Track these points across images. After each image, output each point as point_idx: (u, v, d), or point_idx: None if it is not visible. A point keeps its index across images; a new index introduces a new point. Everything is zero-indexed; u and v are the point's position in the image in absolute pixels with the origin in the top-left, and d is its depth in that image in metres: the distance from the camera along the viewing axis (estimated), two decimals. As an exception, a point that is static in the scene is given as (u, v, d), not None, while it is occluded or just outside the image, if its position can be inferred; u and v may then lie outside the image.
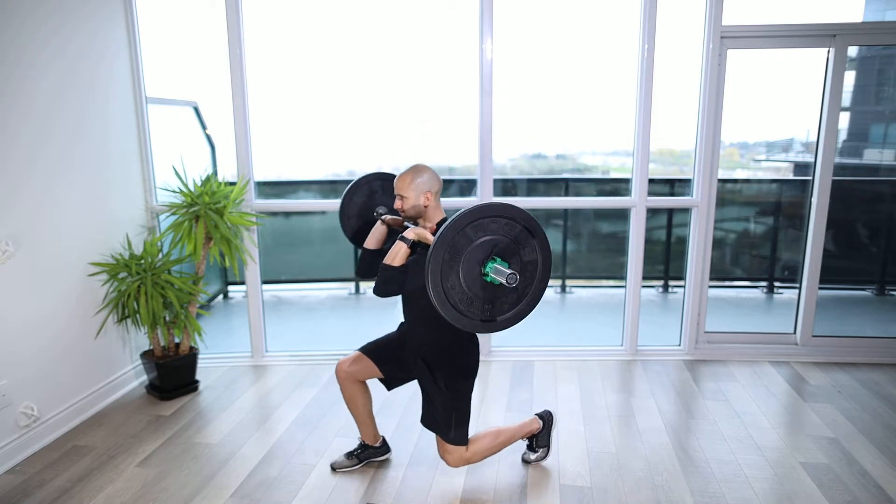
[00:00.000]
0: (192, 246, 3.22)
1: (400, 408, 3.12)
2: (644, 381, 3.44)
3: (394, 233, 2.42)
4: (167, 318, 3.25)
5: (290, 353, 3.80)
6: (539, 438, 2.61)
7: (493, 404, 3.16)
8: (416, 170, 2.27)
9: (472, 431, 2.42)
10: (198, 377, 3.39)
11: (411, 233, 2.18)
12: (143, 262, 3.15)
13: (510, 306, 2.04)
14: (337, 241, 5.48)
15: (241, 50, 3.40)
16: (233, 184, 3.46)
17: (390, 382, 2.54)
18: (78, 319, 3.02)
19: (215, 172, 4.20)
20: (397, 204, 2.28)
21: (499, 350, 3.79)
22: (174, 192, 3.27)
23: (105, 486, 2.46)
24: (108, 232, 3.22)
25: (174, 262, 3.24)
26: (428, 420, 2.39)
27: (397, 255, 2.16)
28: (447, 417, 2.34)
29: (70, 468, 2.59)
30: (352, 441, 2.77)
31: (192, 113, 4.59)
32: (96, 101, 3.12)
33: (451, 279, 1.94)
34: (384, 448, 2.67)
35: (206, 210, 3.19)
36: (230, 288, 5.25)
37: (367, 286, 5.52)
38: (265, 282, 3.82)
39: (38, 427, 2.76)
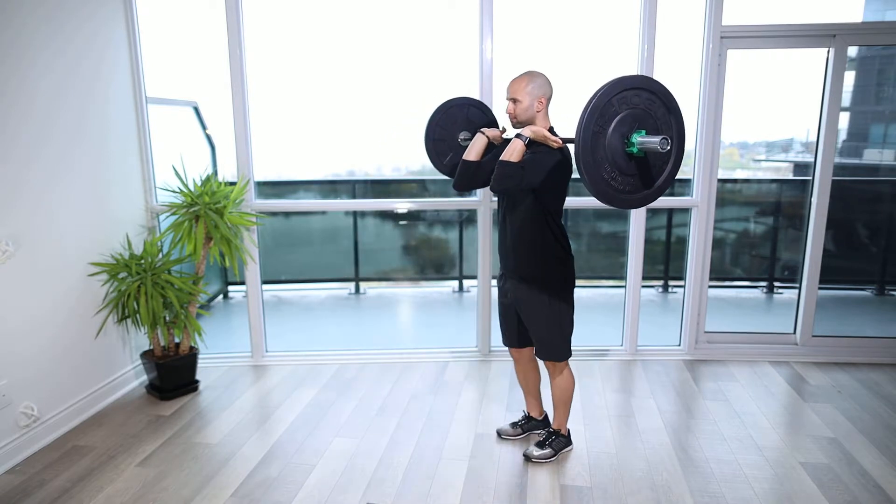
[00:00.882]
0: (192, 246, 3.22)
1: (399, 409, 3.12)
2: (644, 381, 3.44)
3: (491, 146, 2.51)
4: (167, 318, 3.25)
5: (290, 353, 3.80)
6: (557, 439, 2.65)
7: (494, 404, 3.16)
8: (532, 74, 2.35)
9: (473, 431, 2.43)
10: (198, 377, 3.39)
11: (528, 130, 2.26)
12: (143, 262, 3.15)
13: (634, 189, 2.03)
14: (337, 241, 5.49)
15: (241, 50, 3.40)
16: (233, 184, 3.46)
17: (521, 339, 2.67)
18: (78, 319, 3.02)
19: (215, 172, 4.20)
20: (509, 108, 2.36)
21: (499, 350, 3.79)
22: (174, 192, 3.27)
23: (105, 486, 2.46)
24: (108, 232, 3.22)
25: (174, 262, 3.24)
26: (535, 345, 2.56)
27: (515, 151, 2.22)
28: (552, 332, 2.49)
29: (70, 468, 2.59)
30: (352, 440, 2.78)
31: (192, 113, 4.59)
32: (96, 101, 3.12)
33: (602, 153, 1.95)
34: (546, 421, 2.83)
35: (206, 210, 3.19)
36: (230, 288, 5.25)
37: (368, 285, 5.52)
38: (265, 282, 3.82)
39: (38, 427, 2.76)
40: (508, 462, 2.62)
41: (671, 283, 5.32)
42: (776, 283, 5.18)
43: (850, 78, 4.53)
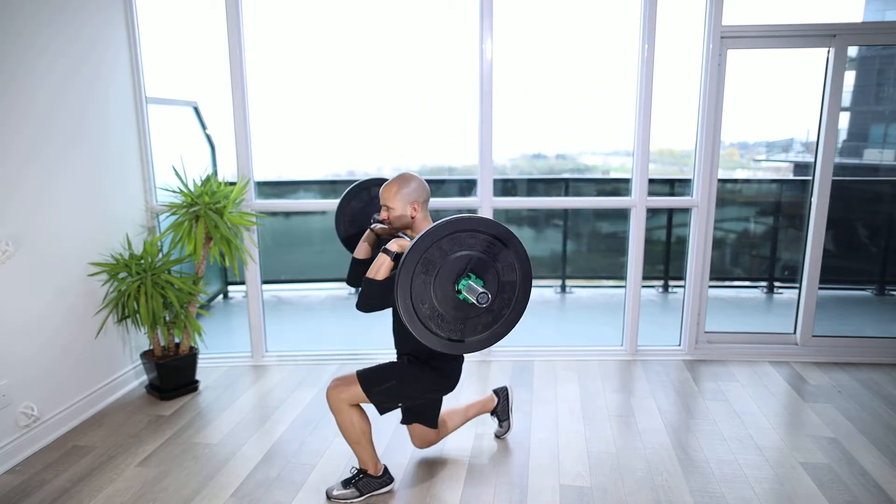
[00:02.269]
0: (192, 246, 3.22)
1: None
2: (644, 381, 3.44)
3: (383, 242, 2.34)
4: (167, 318, 3.25)
5: (290, 353, 3.80)
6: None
7: (493, 404, 3.16)
8: (403, 179, 2.19)
9: (473, 431, 2.44)
10: (198, 377, 3.39)
11: (394, 244, 2.10)
12: (143, 262, 3.15)
13: (484, 328, 1.94)
14: (337, 241, 5.47)
15: (241, 50, 3.40)
16: (233, 184, 3.46)
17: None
18: (78, 319, 3.02)
19: (215, 172, 4.20)
20: (383, 214, 2.21)
21: (499, 350, 3.78)
22: (174, 192, 3.27)
23: (105, 486, 2.46)
24: (107, 232, 3.22)
25: (174, 262, 3.24)
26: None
27: (381, 267, 2.09)
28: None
29: (70, 468, 2.59)
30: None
31: (192, 113, 4.59)
32: (96, 101, 3.12)
33: (423, 294, 1.84)
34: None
35: (206, 210, 3.19)
36: (230, 288, 5.25)
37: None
38: (265, 282, 3.82)
39: (38, 427, 2.76)
40: (508, 462, 2.62)
41: (671, 283, 5.32)
42: (776, 283, 5.19)
43: (850, 78, 4.53)
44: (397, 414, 2.63)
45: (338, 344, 4.14)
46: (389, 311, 2.38)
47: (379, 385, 2.27)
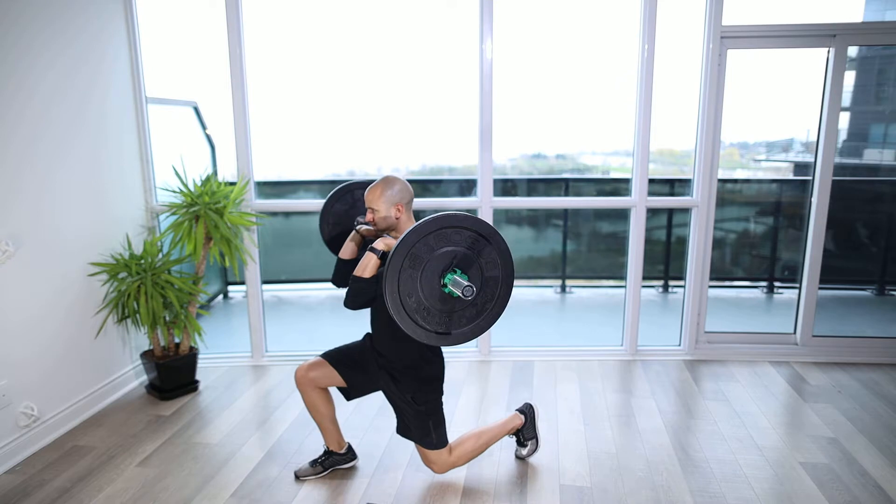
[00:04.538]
0: (192, 246, 3.22)
1: (400, 408, 3.12)
2: (644, 381, 3.44)
3: (368, 243, 2.37)
4: (167, 318, 3.25)
5: (291, 354, 3.80)
6: (524, 432, 2.61)
7: (493, 404, 3.16)
8: (387, 181, 2.24)
9: (473, 428, 2.43)
10: (198, 377, 3.39)
11: (381, 243, 2.15)
12: (143, 262, 3.15)
13: (468, 321, 2.01)
14: (337, 241, 5.47)
15: (241, 50, 3.40)
16: (233, 184, 3.46)
17: (351, 392, 2.47)
18: (78, 319, 3.02)
19: (215, 172, 4.20)
20: (368, 216, 2.26)
21: (499, 350, 3.79)
22: (174, 192, 3.27)
23: (105, 486, 2.46)
24: (107, 232, 3.22)
25: (174, 262, 3.24)
26: (403, 430, 2.41)
27: (367, 266, 2.14)
28: (423, 426, 2.35)
29: (70, 468, 2.59)
30: (352, 439, 2.77)
31: (192, 113, 4.59)
32: (96, 101, 3.12)
33: (410, 288, 1.91)
34: (350, 455, 2.59)
35: (206, 210, 3.19)
36: (230, 288, 5.25)
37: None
38: (265, 282, 3.82)
39: (38, 427, 2.76)
40: (508, 462, 2.62)
41: (671, 283, 5.32)
42: (776, 283, 5.18)
43: (850, 78, 4.53)
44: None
45: (337, 344, 4.13)
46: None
47: (437, 424, 2.37)
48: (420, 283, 1.92)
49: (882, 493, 2.38)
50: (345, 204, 2.64)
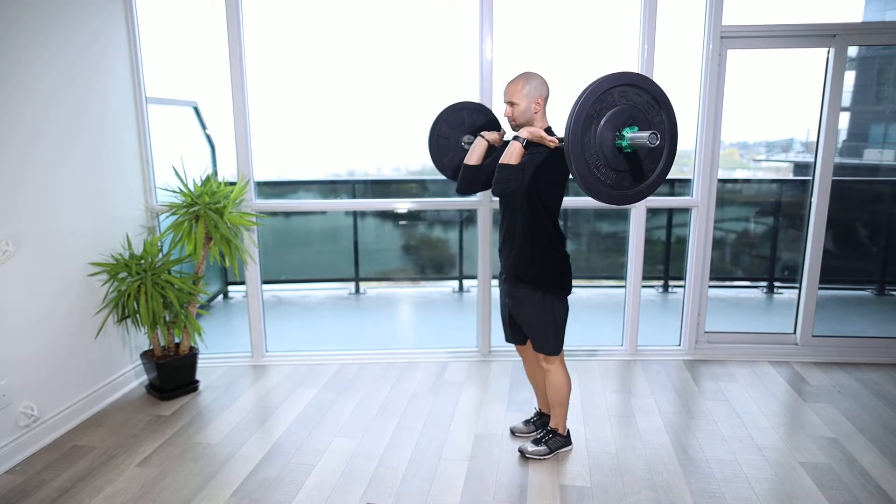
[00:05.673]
0: (192, 246, 3.22)
1: (399, 409, 3.12)
2: (644, 381, 3.44)
3: (492, 149, 2.57)
4: (167, 318, 3.24)
5: (290, 353, 3.80)
6: (553, 438, 2.66)
7: (494, 404, 3.16)
8: (528, 76, 2.37)
9: (473, 431, 2.44)
10: (198, 377, 3.39)
11: (525, 132, 2.29)
12: (143, 262, 3.15)
13: (630, 185, 2.04)
14: (337, 241, 5.49)
15: (241, 50, 3.40)
16: (233, 184, 3.46)
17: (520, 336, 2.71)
18: (78, 319, 3.02)
19: (215, 172, 4.19)
20: (507, 112, 2.39)
21: (499, 350, 3.78)
22: (174, 192, 3.27)
23: (105, 486, 2.46)
24: (108, 232, 3.22)
25: (174, 262, 3.24)
26: (535, 343, 2.56)
27: (513, 153, 2.27)
28: (546, 330, 2.50)
29: (70, 468, 2.59)
30: (352, 440, 2.78)
31: (192, 113, 4.59)
32: (96, 102, 3.12)
33: (588, 136, 1.94)
34: None
35: (206, 210, 3.19)
36: (230, 288, 5.24)
37: (368, 285, 5.52)
38: (265, 282, 3.82)
39: (38, 427, 2.76)
40: (508, 462, 2.62)
41: (671, 283, 5.32)
42: (776, 283, 5.18)
43: (850, 78, 4.53)
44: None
45: (338, 344, 4.14)
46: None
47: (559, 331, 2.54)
48: (597, 136, 1.94)
49: (882, 493, 2.38)
50: (457, 119, 2.82)
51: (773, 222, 5.16)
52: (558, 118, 2.50)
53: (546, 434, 2.67)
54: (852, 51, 3.76)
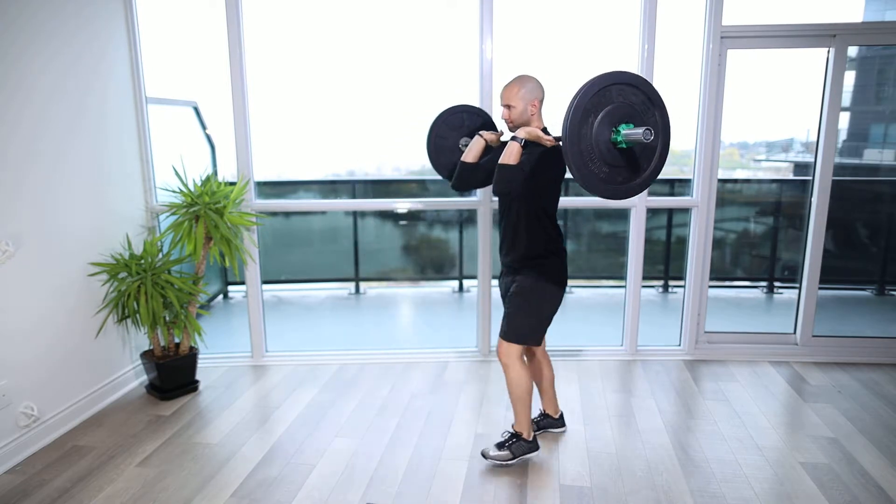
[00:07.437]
0: (192, 246, 3.22)
1: (399, 409, 3.12)
2: (644, 381, 3.44)
3: (489, 149, 2.64)
4: (167, 318, 3.25)
5: (290, 353, 3.80)
6: (518, 443, 2.59)
7: (493, 405, 3.16)
8: (523, 79, 2.43)
9: (473, 431, 2.43)
10: (198, 377, 3.39)
11: (522, 132, 2.35)
12: (143, 262, 3.15)
13: (623, 181, 2.09)
14: (337, 241, 5.49)
15: (241, 50, 3.40)
16: (233, 184, 3.46)
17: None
18: (78, 319, 3.02)
19: (215, 172, 4.19)
20: (504, 114, 2.45)
21: (499, 350, 3.78)
22: (174, 192, 3.27)
23: (105, 486, 2.46)
24: (108, 232, 3.22)
25: (174, 262, 3.24)
26: (504, 327, 2.53)
27: (512, 153, 2.32)
28: (510, 314, 2.50)
29: (70, 468, 2.59)
30: (352, 440, 2.78)
31: (192, 113, 4.59)
32: (96, 101, 3.12)
33: (585, 129, 1.99)
34: (561, 421, 2.86)
35: (206, 210, 3.19)
36: (230, 288, 5.25)
37: (368, 285, 5.52)
38: (265, 282, 3.82)
39: (38, 427, 2.76)
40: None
41: (671, 283, 5.32)
42: (776, 283, 5.18)
43: (850, 78, 4.53)
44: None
45: (338, 344, 4.14)
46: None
47: (522, 321, 2.50)
48: (592, 131, 1.99)
49: (882, 493, 2.38)
50: (456, 121, 2.87)
51: (773, 222, 5.16)
52: (559, 118, 2.51)
53: (510, 438, 2.60)
54: (852, 51, 3.76)
